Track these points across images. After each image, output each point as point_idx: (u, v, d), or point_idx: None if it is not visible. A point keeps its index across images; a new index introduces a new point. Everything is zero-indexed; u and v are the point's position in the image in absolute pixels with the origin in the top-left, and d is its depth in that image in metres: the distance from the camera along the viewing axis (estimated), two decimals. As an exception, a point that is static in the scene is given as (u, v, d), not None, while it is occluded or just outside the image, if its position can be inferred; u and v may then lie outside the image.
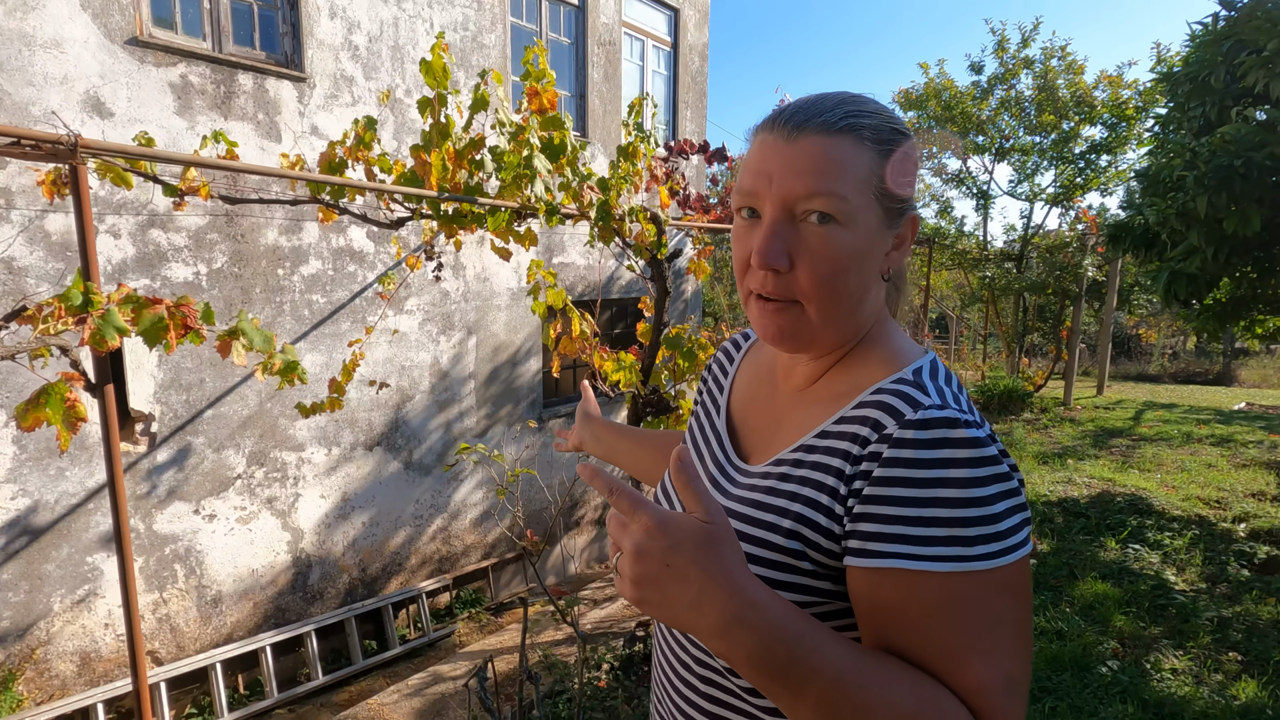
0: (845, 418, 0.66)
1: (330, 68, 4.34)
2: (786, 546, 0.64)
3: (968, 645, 0.56)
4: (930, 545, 0.56)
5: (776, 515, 0.66)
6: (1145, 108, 8.06)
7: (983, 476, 0.56)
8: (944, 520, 0.56)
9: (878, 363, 0.70)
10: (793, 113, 0.66)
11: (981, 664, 0.56)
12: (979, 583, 0.55)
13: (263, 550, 4.36)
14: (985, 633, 0.56)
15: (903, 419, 0.60)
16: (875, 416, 0.62)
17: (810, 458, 0.67)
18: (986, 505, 0.56)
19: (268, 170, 1.93)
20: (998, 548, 0.56)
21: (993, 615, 0.56)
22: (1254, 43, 3.07)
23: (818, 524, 0.63)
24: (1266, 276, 4.12)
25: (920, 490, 0.57)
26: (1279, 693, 2.92)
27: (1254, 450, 7.30)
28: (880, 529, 0.58)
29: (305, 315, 4.39)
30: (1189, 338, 21.53)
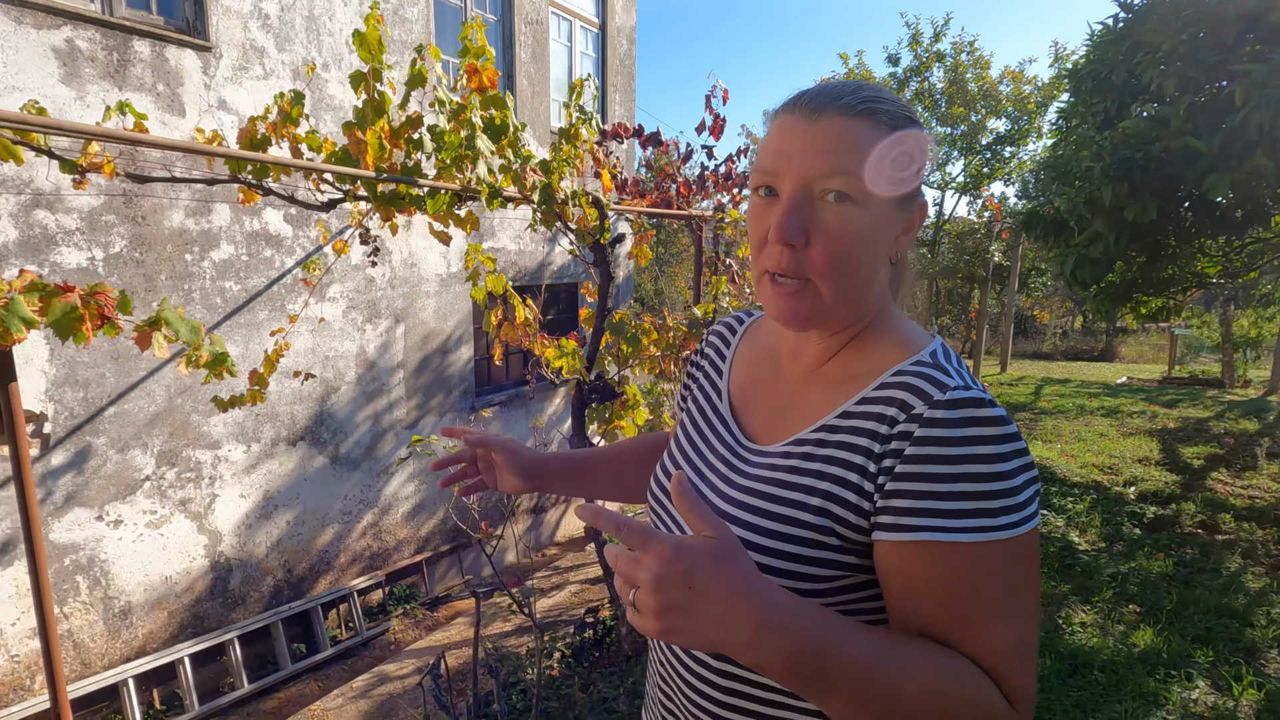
0: (868, 399, 0.68)
1: (238, 37, 4.03)
2: (815, 523, 0.65)
3: (989, 612, 0.59)
4: (960, 518, 0.58)
5: (803, 493, 0.67)
6: (1045, 102, 8.60)
7: (1005, 452, 0.60)
8: (972, 494, 0.59)
9: (891, 346, 0.72)
10: (813, 96, 0.68)
11: (999, 629, 0.59)
12: (1001, 551, 0.59)
13: (177, 556, 4.07)
14: (1004, 599, 0.59)
15: (932, 400, 0.62)
16: (902, 397, 0.64)
17: (834, 437, 0.68)
18: (1009, 479, 0.59)
19: (187, 146, 1.77)
20: (1018, 517, 0.59)
21: (1010, 581, 0.60)
22: (1150, 44, 3.32)
23: (847, 500, 0.64)
24: (1153, 261, 4.49)
25: (951, 466, 0.59)
26: (1171, 638, 3.24)
27: (1138, 420, 8.01)
28: (914, 504, 0.60)
29: (218, 304, 4.10)
30: (1076, 318, 23.32)
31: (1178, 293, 5.36)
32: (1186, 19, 3.19)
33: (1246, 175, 3.09)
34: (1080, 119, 3.94)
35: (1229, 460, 6.24)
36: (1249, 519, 4.75)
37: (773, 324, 0.88)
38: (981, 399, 0.61)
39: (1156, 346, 19.90)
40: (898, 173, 0.67)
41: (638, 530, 0.56)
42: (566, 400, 6.87)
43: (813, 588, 0.65)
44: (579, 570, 4.51)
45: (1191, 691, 2.82)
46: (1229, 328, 11.69)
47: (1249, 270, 5.47)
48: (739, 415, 0.82)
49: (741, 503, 0.71)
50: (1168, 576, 3.88)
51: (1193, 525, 4.69)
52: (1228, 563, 4.05)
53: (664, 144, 4.67)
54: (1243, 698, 2.79)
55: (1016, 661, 0.59)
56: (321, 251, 4.57)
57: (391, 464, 5.22)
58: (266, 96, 4.19)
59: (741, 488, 0.73)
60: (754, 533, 0.68)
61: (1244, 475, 5.79)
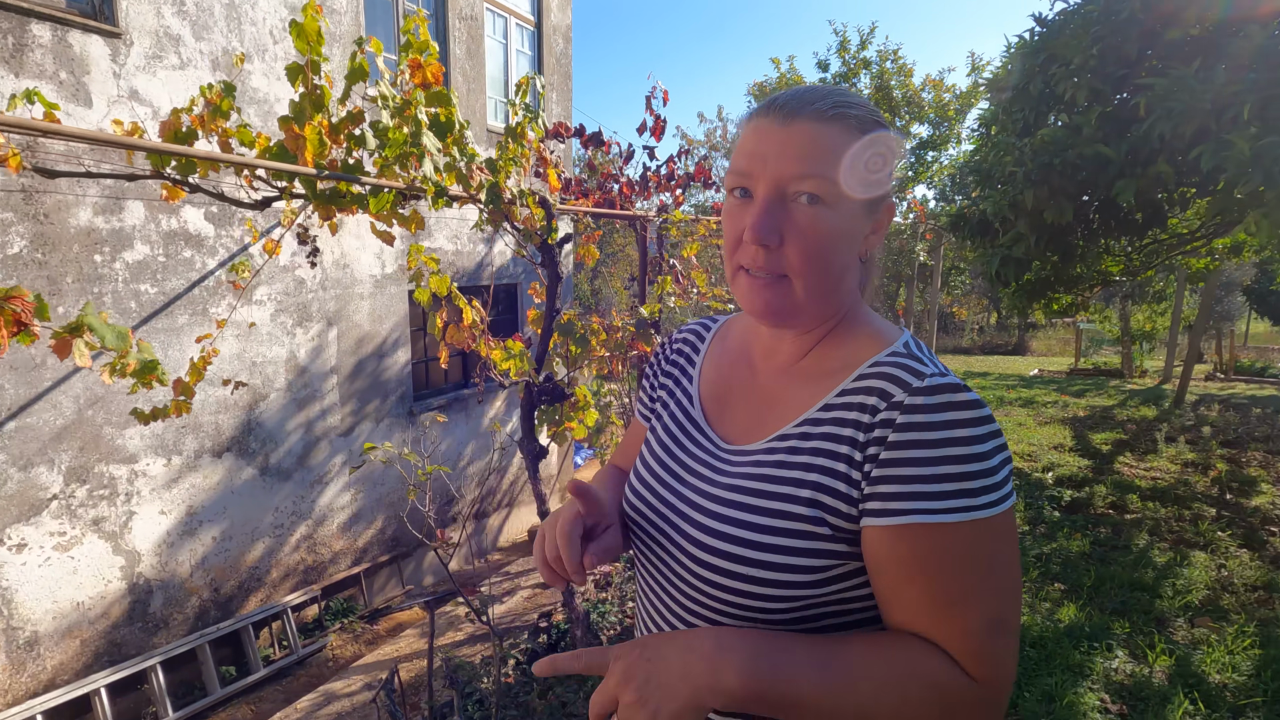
0: (847, 390, 0.70)
1: (151, 23, 3.78)
2: (806, 514, 0.67)
3: (968, 590, 0.62)
4: (943, 499, 0.61)
5: (793, 486, 0.68)
6: (964, 109, 9.05)
7: (982, 434, 0.62)
8: (954, 475, 0.61)
9: (865, 340, 0.74)
10: (786, 100, 0.70)
11: (976, 608, 0.62)
12: (982, 530, 0.61)
13: (90, 579, 3.78)
14: (984, 577, 0.62)
15: (910, 387, 0.64)
16: (881, 387, 0.67)
17: (818, 430, 0.70)
18: (987, 459, 0.62)
19: (110, 139, 1.64)
20: (997, 496, 0.62)
21: (990, 559, 0.62)
22: (1063, 57, 3.54)
23: (836, 490, 0.66)
24: (1066, 260, 4.79)
25: (933, 450, 0.62)
26: (1092, 612, 3.46)
27: (1051, 410, 8.53)
28: (899, 489, 0.62)
29: (132, 308, 3.84)
30: (992, 314, 24.65)
31: (1085, 290, 5.73)
32: (1095, 35, 3.41)
33: (1150, 181, 3.33)
34: (1000, 126, 4.16)
35: (1132, 445, 6.72)
36: (1153, 498, 5.13)
37: (741, 326, 0.89)
38: (958, 384, 0.64)
39: (1063, 340, 21.28)
40: (869, 175, 0.69)
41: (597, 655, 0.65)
42: (508, 402, 6.76)
43: (806, 579, 0.66)
44: (530, 575, 4.44)
45: (1112, 661, 3.03)
46: (1127, 322, 12.60)
47: (1146, 269, 5.91)
48: (713, 418, 0.83)
49: (730, 501, 0.71)
50: (1085, 555, 4.15)
51: (1105, 506, 5.03)
52: (1136, 540, 4.36)
53: (605, 144, 4.67)
54: (1156, 664, 3.02)
55: (989, 638, 0.61)
56: (247, 252, 4.34)
57: (326, 473, 5.01)
58: (184, 87, 3.95)
59: (727, 486, 0.73)
60: (746, 529, 0.68)
61: (1146, 458, 6.25)
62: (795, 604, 0.67)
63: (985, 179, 3.95)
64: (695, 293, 4.16)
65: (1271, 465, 5.96)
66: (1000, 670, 0.62)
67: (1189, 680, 2.89)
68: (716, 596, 0.70)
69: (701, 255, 4.67)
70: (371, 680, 3.07)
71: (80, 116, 3.51)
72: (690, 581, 0.73)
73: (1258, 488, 5.35)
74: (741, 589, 0.68)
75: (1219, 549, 4.22)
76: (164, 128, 2.18)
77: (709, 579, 0.70)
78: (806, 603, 0.67)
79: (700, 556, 0.71)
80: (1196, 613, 3.48)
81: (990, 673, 0.61)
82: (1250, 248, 6.66)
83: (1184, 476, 5.69)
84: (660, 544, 0.78)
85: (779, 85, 10.34)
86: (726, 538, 0.69)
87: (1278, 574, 3.85)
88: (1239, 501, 5.05)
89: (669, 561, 0.76)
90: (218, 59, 4.10)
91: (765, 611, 0.68)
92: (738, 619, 0.70)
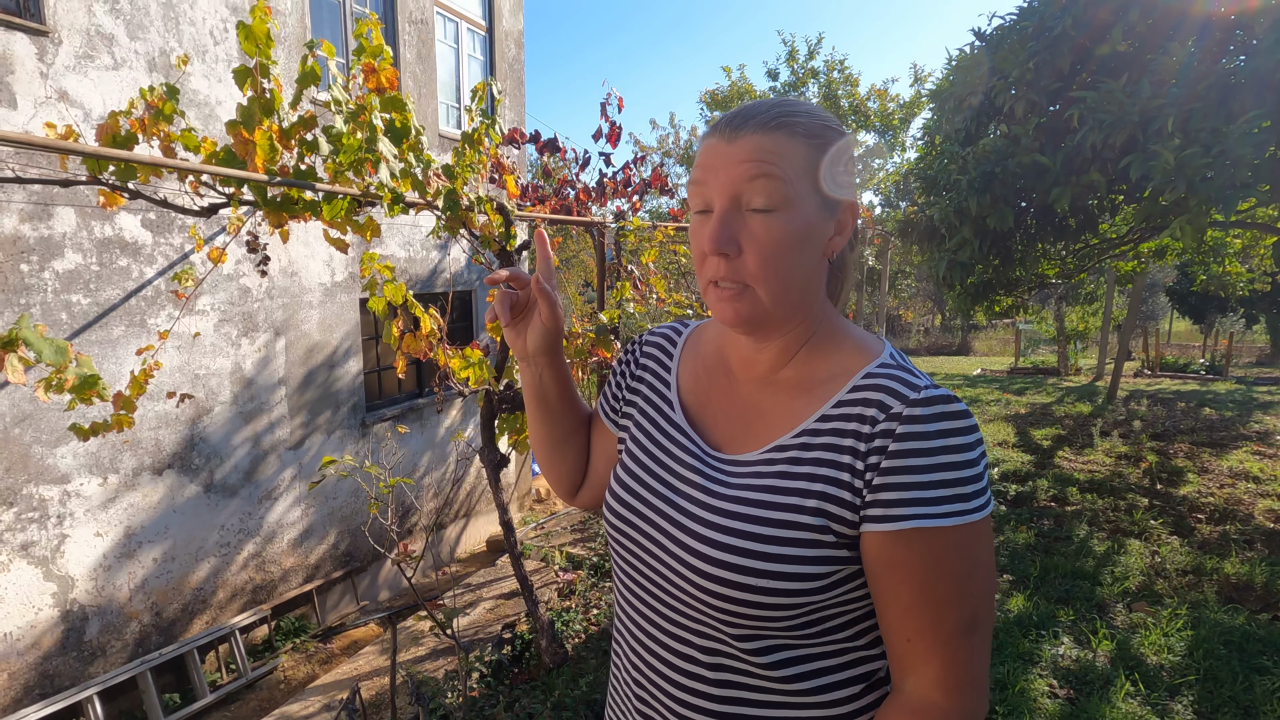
0: (844, 401, 0.71)
1: (81, 22, 3.61)
2: (812, 523, 0.68)
3: (950, 593, 0.66)
4: (940, 504, 0.64)
5: (798, 496, 0.69)
6: (907, 119, 9.36)
7: (971, 442, 0.66)
8: (949, 481, 0.64)
9: (850, 351, 0.76)
10: (732, 117, 0.73)
11: (953, 610, 0.66)
12: (971, 532, 0.65)
13: (18, 608, 3.56)
14: (967, 577, 0.66)
15: (908, 400, 0.67)
16: (879, 399, 0.69)
17: (818, 440, 0.71)
18: (975, 465, 0.66)
19: (44, 143, 1.56)
20: (984, 500, 0.66)
21: (974, 560, 0.66)
22: (1002, 70, 3.70)
23: (840, 499, 0.68)
24: (1006, 264, 5.00)
25: (930, 458, 0.65)
26: (1039, 601, 3.60)
27: (995, 408, 8.86)
28: (900, 495, 0.65)
29: (63, 320, 3.64)
30: (936, 316, 25.47)
31: (1024, 292, 5.99)
32: (1031, 50, 3.59)
33: (1083, 188, 3.51)
34: (944, 135, 4.33)
35: (1070, 440, 7.04)
36: (1091, 490, 5.38)
37: (713, 334, 0.89)
38: (949, 396, 0.68)
39: (1003, 340, 22.14)
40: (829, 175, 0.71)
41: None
42: (463, 411, 6.65)
43: (811, 586, 0.68)
44: (491, 586, 4.38)
45: (1058, 648, 3.16)
46: (1062, 322, 13.20)
47: (1080, 271, 6.21)
48: (697, 425, 0.83)
49: (734, 513, 0.72)
50: (1031, 546, 4.32)
51: (1047, 499, 5.26)
52: (1077, 530, 4.56)
53: (561, 150, 4.66)
54: (1099, 649, 3.16)
55: (961, 639, 0.66)
56: (189, 260, 4.17)
57: (275, 488, 4.84)
58: (119, 89, 3.78)
59: (729, 498, 0.73)
60: (753, 540, 0.69)
61: (1083, 452, 6.56)
62: (799, 610, 0.69)
63: (931, 186, 4.10)
64: (654, 299, 4.18)
65: (1196, 456, 6.32)
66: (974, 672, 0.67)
67: (1129, 663, 3.04)
68: (719, 606, 0.70)
69: (659, 261, 4.70)
70: (330, 701, 2.97)
71: (4, 119, 3.32)
72: (689, 591, 0.72)
73: (1185, 478, 5.67)
74: (748, 598, 0.68)
75: (1152, 537, 4.45)
76: (101, 131, 2.09)
77: (712, 589, 0.70)
78: (810, 608, 0.69)
79: (703, 567, 0.71)
80: (1134, 598, 3.67)
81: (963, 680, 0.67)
82: (1173, 251, 7.07)
83: (1118, 469, 5.98)
84: (651, 553, 0.77)
85: (730, 93, 10.51)
86: (733, 549, 0.69)
87: (1205, 559, 4.08)
88: (1168, 491, 5.35)
89: (662, 570, 0.75)
90: (154, 60, 3.94)
91: (769, 619, 0.69)
92: (739, 626, 0.70)
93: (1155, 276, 17.80)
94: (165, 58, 4.00)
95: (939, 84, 4.42)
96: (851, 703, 0.73)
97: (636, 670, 0.81)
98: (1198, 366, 13.50)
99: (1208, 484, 5.52)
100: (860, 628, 0.74)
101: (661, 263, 4.96)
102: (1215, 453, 6.43)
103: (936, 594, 0.65)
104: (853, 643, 0.73)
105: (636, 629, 0.81)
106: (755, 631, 0.70)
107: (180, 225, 4.13)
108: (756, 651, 0.71)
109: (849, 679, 0.74)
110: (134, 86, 3.83)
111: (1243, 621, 3.35)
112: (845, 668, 0.73)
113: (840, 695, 0.73)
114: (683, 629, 0.75)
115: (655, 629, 0.78)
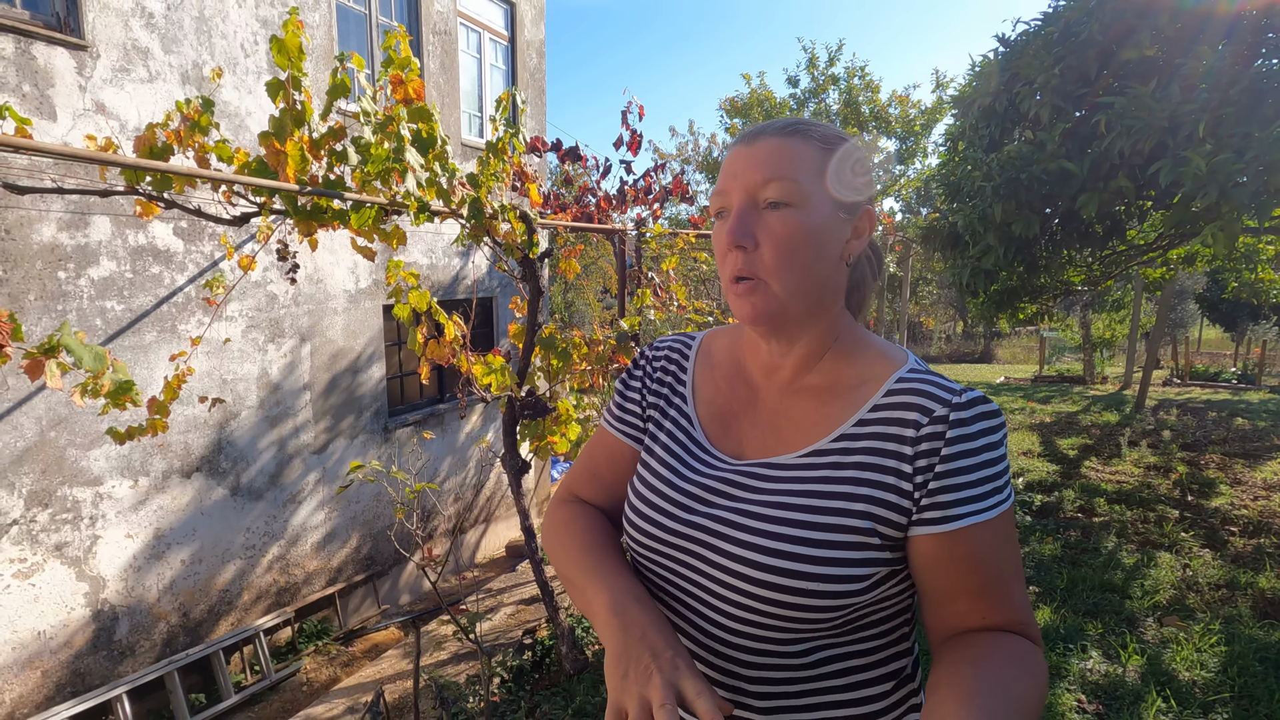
0: (880, 405, 0.73)
1: (119, 36, 3.71)
2: (860, 526, 0.70)
3: (1012, 569, 0.71)
4: (987, 498, 0.69)
5: (845, 500, 0.71)
6: (929, 125, 9.29)
7: (1002, 438, 0.71)
8: (990, 477, 0.69)
9: (876, 357, 0.78)
10: (753, 129, 0.79)
11: (1019, 584, 0.71)
12: (1008, 517, 0.70)
13: (51, 607, 3.65)
14: (1014, 556, 0.71)
15: (951, 404, 0.70)
16: (919, 403, 0.71)
17: (859, 444, 0.72)
18: (1005, 460, 0.71)
19: (85, 155, 1.61)
20: (1011, 489, 0.72)
21: (1014, 540, 0.72)
22: (1026, 75, 3.67)
23: (889, 502, 0.70)
24: (1031, 271, 4.94)
25: (976, 457, 0.69)
26: (1066, 614, 3.54)
27: (1019, 416, 8.72)
28: (957, 495, 0.68)
29: (98, 326, 3.73)
30: (958, 324, 25.17)
31: (1048, 299, 5.91)
32: (1056, 54, 3.55)
33: (1110, 194, 3.46)
34: (967, 141, 4.29)
35: (1097, 449, 6.91)
36: (1119, 501, 5.27)
37: (727, 344, 0.89)
38: (984, 397, 0.71)
39: (1027, 348, 21.81)
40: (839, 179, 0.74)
41: None
42: (483, 417, 6.70)
43: (856, 587, 0.69)
44: (512, 591, 4.40)
45: (1087, 662, 3.10)
46: (1088, 330, 12.99)
47: (1106, 278, 6.11)
48: (716, 439, 0.83)
49: (779, 518, 0.72)
50: (1057, 558, 4.25)
51: (1073, 510, 5.16)
52: (1105, 542, 4.48)
53: (582, 158, 4.70)
54: (1129, 663, 3.09)
55: (1029, 608, 0.72)
56: (217, 267, 4.26)
57: (299, 492, 4.91)
58: (153, 101, 3.89)
59: (770, 504, 0.73)
60: (801, 544, 0.69)
61: (1111, 462, 6.43)
62: (842, 612, 0.70)
63: (954, 192, 4.06)
64: (675, 306, 4.19)
65: (1229, 467, 6.17)
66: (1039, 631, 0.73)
67: (1160, 678, 2.97)
68: (767, 613, 0.70)
69: (679, 269, 4.71)
70: (354, 703, 3.00)
71: (44, 130, 3.43)
72: (734, 601, 0.72)
73: (1216, 489, 5.54)
74: (799, 602, 0.69)
75: (1183, 549, 4.35)
76: (139, 143, 2.14)
77: (761, 596, 0.70)
78: (852, 608, 0.70)
79: (754, 575, 0.70)
80: (1165, 612, 3.59)
81: (1038, 634, 0.71)
82: (1203, 258, 6.93)
83: (1147, 479, 5.86)
84: (686, 574, 0.76)
85: (750, 100, 10.51)
86: (783, 554, 0.70)
87: (1239, 573, 3.98)
88: (1199, 503, 5.22)
89: (705, 586, 0.75)
90: (187, 72, 4.04)
91: (814, 623, 0.70)
92: (786, 631, 0.71)
93: (1184, 283, 17.45)
94: (198, 70, 4.10)
95: (961, 89, 4.38)
96: (883, 700, 0.75)
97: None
98: (1229, 375, 13.19)
99: (1241, 496, 5.39)
100: (891, 624, 0.75)
101: (682, 270, 4.97)
102: (1249, 464, 6.28)
103: (1001, 573, 0.69)
104: (883, 639, 0.75)
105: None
106: (800, 635, 0.71)
107: (211, 233, 4.22)
108: (799, 654, 0.72)
109: (880, 676, 0.75)
110: (168, 98, 3.93)
111: (1279, 638, 3.27)
112: (876, 665, 0.75)
113: (873, 692, 0.74)
114: (725, 644, 0.74)
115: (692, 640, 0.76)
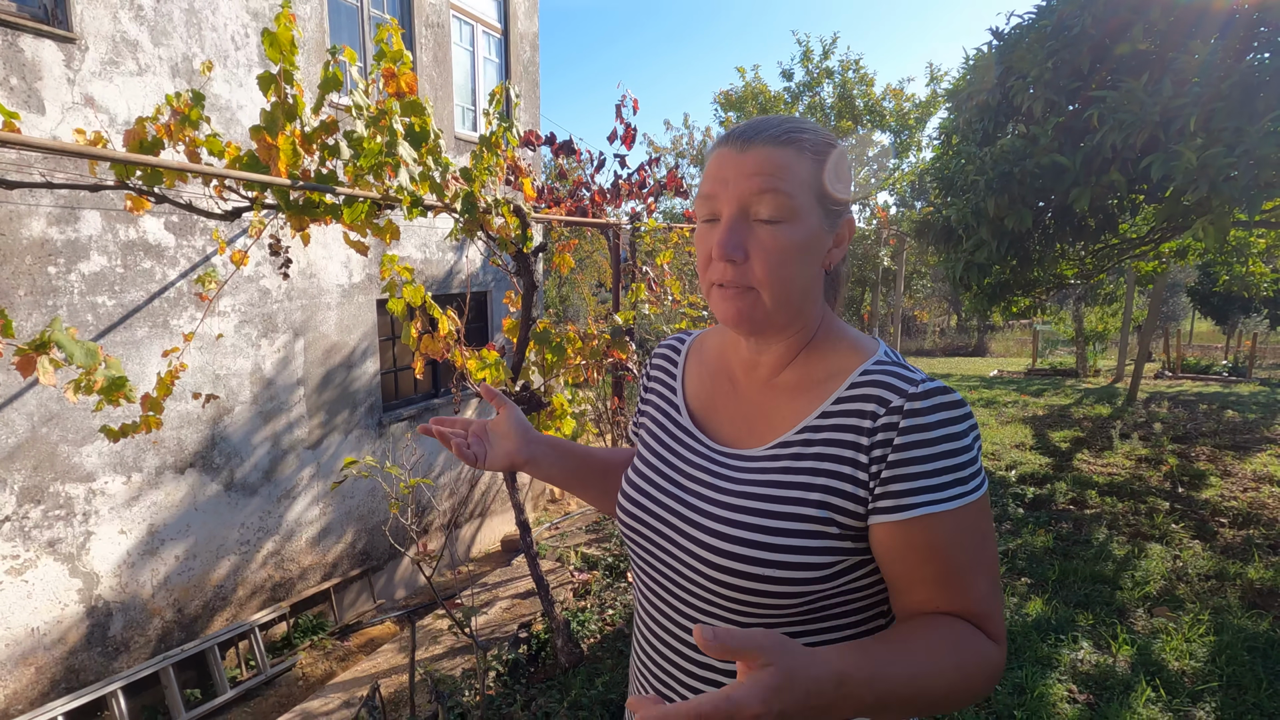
0: (843, 398, 0.75)
1: (107, 29, 3.68)
2: (816, 515, 0.72)
3: (973, 563, 0.70)
4: (944, 489, 0.69)
5: (802, 490, 0.73)
6: (923, 118, 9.29)
7: (966, 429, 0.71)
8: (950, 468, 0.69)
9: (846, 351, 0.80)
10: (743, 130, 0.77)
11: (982, 577, 0.70)
12: (973, 509, 0.70)
13: (44, 603, 3.63)
14: (980, 549, 0.71)
15: (907, 394, 0.71)
16: (878, 394, 0.72)
17: (820, 436, 0.75)
18: (970, 450, 0.70)
19: (75, 149, 1.60)
20: (980, 480, 0.71)
21: (982, 533, 0.71)
22: (1019, 69, 3.67)
23: (844, 491, 0.71)
24: (1024, 265, 4.96)
25: (933, 448, 0.69)
26: (1057, 605, 3.57)
27: (1012, 409, 8.77)
28: (909, 485, 0.69)
29: (90, 321, 3.71)
30: (952, 317, 25.25)
31: (1041, 292, 5.93)
32: (1049, 49, 3.55)
33: (1103, 188, 3.48)
34: (961, 135, 4.30)
35: (1089, 442, 6.95)
36: (1110, 494, 5.31)
37: (716, 341, 0.94)
38: (945, 388, 0.71)
39: (1020, 341, 21.90)
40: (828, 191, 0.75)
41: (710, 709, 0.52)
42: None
43: (815, 575, 0.71)
44: (507, 585, 4.41)
45: (1077, 652, 3.13)
46: (1081, 323, 13.04)
47: (1099, 272, 6.14)
48: (703, 427, 0.87)
49: (740, 506, 0.75)
50: (1049, 550, 4.28)
51: (1065, 502, 5.20)
52: (1096, 534, 4.51)
53: (576, 152, 4.68)
54: (1119, 654, 3.13)
55: (994, 602, 0.71)
56: (209, 262, 4.24)
57: (293, 487, 4.90)
58: (143, 94, 3.85)
59: (736, 493, 0.77)
60: (760, 532, 0.72)
61: (1103, 455, 6.48)
62: (805, 599, 0.72)
63: (948, 186, 4.07)
64: (669, 300, 4.19)
65: (1219, 459, 6.23)
66: (1003, 628, 0.71)
67: (1150, 668, 3.00)
68: (729, 595, 0.74)
69: (674, 263, 4.71)
70: (349, 698, 3.00)
71: (33, 124, 3.40)
72: (700, 582, 0.76)
73: (1207, 481, 5.59)
74: (756, 586, 0.72)
75: (1173, 541, 4.39)
76: (129, 137, 2.13)
77: (722, 579, 0.74)
78: (816, 596, 0.72)
79: (713, 559, 0.74)
80: (1155, 603, 3.62)
81: (1000, 632, 0.70)
82: (1195, 251, 6.97)
83: (1138, 472, 5.91)
84: (664, 548, 0.81)
85: (745, 93, 10.48)
86: (741, 541, 0.73)
87: (1228, 564, 4.02)
88: (1190, 495, 5.27)
89: (674, 564, 0.79)
90: (177, 65, 4.01)
91: (778, 607, 0.72)
92: (751, 615, 0.74)
93: (1176, 277, 17.55)
94: (188, 63, 4.06)
95: (955, 83, 4.39)
96: None
97: (657, 660, 0.84)
98: (1220, 368, 13.29)
99: (1231, 487, 5.44)
100: (866, 615, 0.76)
101: (676, 264, 4.97)
102: (1238, 456, 6.33)
103: (962, 565, 0.69)
104: (857, 629, 0.76)
105: (654, 621, 0.85)
106: (767, 620, 0.73)
107: (202, 228, 4.19)
108: None
109: None
110: (158, 92, 3.89)
111: (1267, 627, 3.30)
112: None
113: None
114: (696, 617, 0.78)
115: (670, 621, 0.81)
